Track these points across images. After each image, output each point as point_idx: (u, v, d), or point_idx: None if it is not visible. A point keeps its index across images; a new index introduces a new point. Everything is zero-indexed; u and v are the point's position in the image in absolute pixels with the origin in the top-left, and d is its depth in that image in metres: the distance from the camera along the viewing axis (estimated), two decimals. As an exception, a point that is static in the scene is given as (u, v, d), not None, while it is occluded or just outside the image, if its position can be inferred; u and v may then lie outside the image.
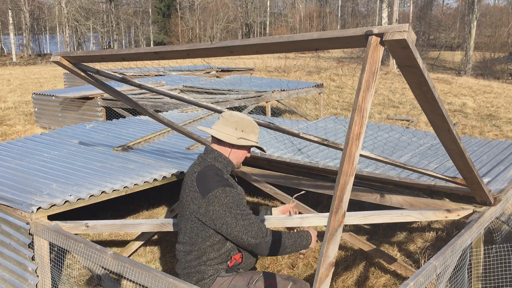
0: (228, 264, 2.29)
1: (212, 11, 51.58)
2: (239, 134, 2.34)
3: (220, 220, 2.16)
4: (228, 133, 2.33)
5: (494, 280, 2.78)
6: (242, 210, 2.20)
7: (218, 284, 2.27)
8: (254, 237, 2.18)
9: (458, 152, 2.21)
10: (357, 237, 3.58)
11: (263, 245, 2.19)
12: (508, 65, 27.55)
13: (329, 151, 4.45)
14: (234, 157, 2.39)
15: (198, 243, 2.25)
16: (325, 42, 1.59)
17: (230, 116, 2.37)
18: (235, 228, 2.16)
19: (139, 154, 4.32)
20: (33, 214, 2.76)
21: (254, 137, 2.40)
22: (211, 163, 2.33)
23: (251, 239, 2.17)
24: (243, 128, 2.36)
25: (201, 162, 2.35)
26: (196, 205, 2.20)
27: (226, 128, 2.34)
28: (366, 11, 58.83)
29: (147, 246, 4.09)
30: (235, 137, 2.34)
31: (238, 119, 2.36)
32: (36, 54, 42.89)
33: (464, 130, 9.48)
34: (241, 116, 2.38)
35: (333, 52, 34.88)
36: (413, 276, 1.95)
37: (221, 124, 2.36)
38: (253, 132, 2.39)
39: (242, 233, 2.17)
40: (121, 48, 2.60)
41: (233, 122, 2.34)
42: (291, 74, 19.95)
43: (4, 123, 10.11)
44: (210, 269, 2.26)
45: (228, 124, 2.35)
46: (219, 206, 2.16)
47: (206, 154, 2.37)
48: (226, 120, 2.35)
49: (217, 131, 2.35)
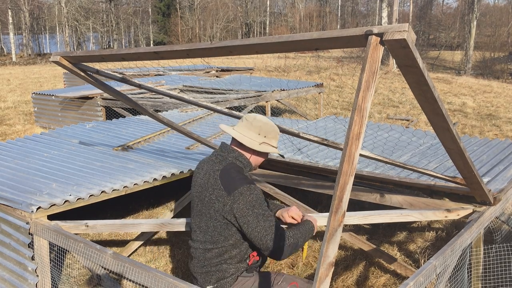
0: (247, 263, 2.28)
1: (212, 10, 51.58)
2: (262, 139, 2.33)
3: (242, 219, 2.15)
4: (251, 137, 2.32)
5: (494, 280, 2.78)
6: (264, 210, 2.18)
7: (240, 283, 2.26)
8: (274, 240, 2.14)
9: (458, 152, 2.21)
10: (357, 236, 3.58)
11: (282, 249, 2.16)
12: (508, 65, 27.54)
13: (329, 150, 4.45)
14: (254, 160, 2.38)
15: (221, 242, 2.23)
16: (325, 42, 1.59)
17: (254, 120, 2.35)
18: (256, 228, 2.14)
19: (139, 154, 4.31)
20: (33, 214, 2.76)
21: (275, 143, 2.40)
22: (232, 162, 2.30)
23: (269, 242, 2.14)
24: (266, 133, 2.34)
25: (222, 160, 2.31)
26: (221, 203, 2.18)
27: (249, 132, 2.32)
28: (366, 10, 58.86)
29: (147, 246, 4.09)
30: (257, 142, 2.32)
31: (262, 124, 2.34)
32: (36, 54, 42.90)
33: (464, 129, 9.48)
34: (265, 121, 2.36)
35: (333, 51, 34.87)
36: (413, 275, 1.95)
37: (245, 127, 2.34)
38: (275, 138, 2.39)
39: (261, 234, 2.14)
40: (120, 48, 2.60)
41: (256, 126, 2.33)
42: (291, 73, 19.95)
43: (4, 122, 10.11)
44: (231, 267, 2.24)
45: (252, 128, 2.33)
46: (243, 204, 2.14)
47: (227, 153, 2.33)
48: (250, 124, 2.34)
49: (240, 134, 2.33)
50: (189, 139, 4.47)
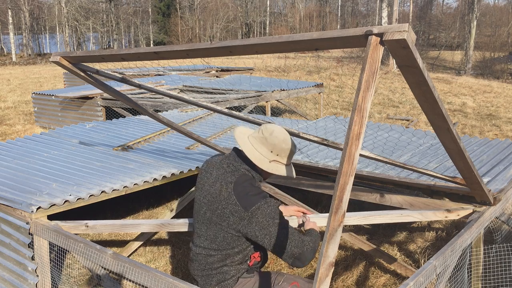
0: (248, 264, 2.25)
1: (211, 10, 51.59)
2: (273, 157, 2.26)
3: (263, 231, 2.10)
4: (262, 153, 2.24)
5: (494, 280, 2.78)
6: (283, 219, 2.15)
7: (241, 285, 2.24)
8: (297, 247, 2.10)
9: (458, 152, 2.21)
10: (357, 237, 3.58)
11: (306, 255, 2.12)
12: (508, 65, 27.54)
13: (329, 150, 4.45)
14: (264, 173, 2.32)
15: (227, 249, 2.20)
16: (325, 42, 1.58)
17: (270, 136, 2.25)
18: (279, 237, 2.10)
19: (139, 154, 4.31)
20: (33, 214, 2.76)
21: (288, 161, 2.32)
22: (245, 173, 2.23)
23: (294, 249, 2.09)
24: (280, 152, 2.26)
25: (234, 171, 2.23)
26: (237, 217, 2.12)
27: (262, 147, 2.25)
28: (366, 10, 58.89)
29: (147, 246, 4.09)
30: (268, 160, 2.25)
31: (278, 141, 2.24)
32: (36, 54, 42.90)
33: (464, 129, 9.48)
34: (281, 138, 2.25)
35: (333, 51, 34.87)
36: (413, 275, 1.95)
37: (258, 141, 2.26)
38: (288, 157, 2.31)
39: (284, 243, 2.10)
40: (120, 48, 2.60)
41: (271, 144, 2.24)
42: (291, 73, 19.95)
43: (4, 122, 10.11)
44: (232, 269, 2.22)
45: (266, 144, 2.25)
46: (262, 217, 2.10)
47: (239, 163, 2.25)
48: (264, 139, 2.25)
49: (252, 148, 2.25)
50: (189, 139, 4.47)
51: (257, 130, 2.31)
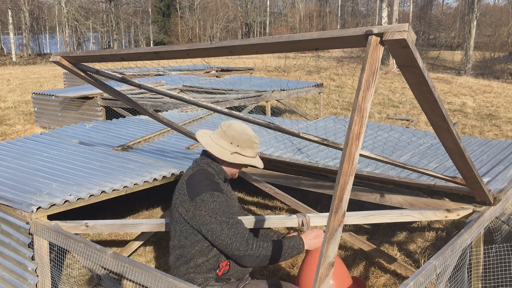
0: (217, 273, 2.24)
1: (211, 10, 51.58)
2: (234, 148, 2.28)
3: (206, 226, 2.12)
4: (222, 146, 2.27)
5: (494, 280, 2.78)
6: (228, 217, 2.14)
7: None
8: (238, 249, 2.11)
9: (458, 152, 2.21)
10: (357, 236, 3.58)
11: (246, 259, 2.13)
12: (508, 65, 27.54)
13: (329, 150, 4.45)
14: (227, 169, 2.35)
15: (187, 247, 2.21)
16: (325, 42, 1.58)
17: (228, 129, 2.29)
18: (220, 236, 2.11)
19: (139, 154, 4.31)
20: (33, 214, 2.76)
21: (251, 152, 2.32)
22: (203, 168, 2.29)
23: (235, 251, 2.12)
24: (239, 143, 2.28)
25: (194, 166, 2.32)
26: (184, 208, 2.17)
27: (221, 140, 2.28)
28: (366, 10, 58.89)
29: (147, 246, 4.09)
30: (229, 152, 2.27)
31: (236, 133, 2.28)
32: (36, 54, 42.89)
33: (464, 129, 9.48)
34: (240, 130, 2.29)
35: (333, 51, 34.86)
36: (413, 275, 1.95)
37: (218, 135, 2.30)
38: (251, 147, 2.31)
39: (226, 242, 2.11)
40: (120, 48, 2.60)
41: (229, 135, 2.28)
42: (291, 73, 19.95)
43: (4, 122, 10.11)
44: (199, 277, 2.22)
45: (225, 136, 2.28)
46: (205, 211, 2.11)
47: (201, 159, 2.34)
48: (223, 132, 2.29)
49: (212, 142, 2.29)
50: (189, 139, 4.47)
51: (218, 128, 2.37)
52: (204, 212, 2.12)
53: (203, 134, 2.36)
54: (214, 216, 2.12)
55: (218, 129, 2.34)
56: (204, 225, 2.13)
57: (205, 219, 2.12)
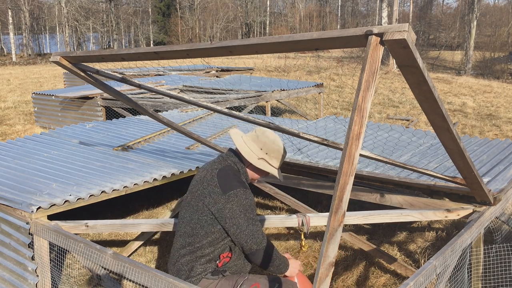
0: (217, 264, 2.28)
1: (212, 10, 51.59)
2: (262, 155, 2.36)
3: (233, 220, 2.20)
4: (252, 149, 2.36)
5: (494, 280, 2.78)
6: (254, 215, 2.26)
7: (203, 285, 2.25)
8: (257, 244, 2.23)
9: (458, 152, 2.21)
10: (357, 236, 3.58)
11: (260, 253, 2.25)
12: (508, 65, 27.53)
13: (329, 150, 4.45)
14: (250, 173, 2.42)
15: (200, 236, 2.25)
16: (325, 42, 1.58)
17: (262, 135, 2.38)
18: (244, 231, 2.21)
19: (139, 154, 4.31)
20: (33, 214, 2.76)
21: (276, 163, 2.41)
22: (230, 164, 2.36)
23: (253, 245, 2.23)
24: (269, 151, 2.36)
25: (221, 161, 2.37)
26: (213, 199, 2.22)
27: (252, 144, 2.37)
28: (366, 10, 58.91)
29: (147, 246, 4.09)
30: (256, 156, 2.35)
31: (268, 140, 2.36)
32: (36, 54, 42.90)
33: (464, 129, 9.48)
34: (272, 139, 2.38)
35: (333, 51, 34.87)
36: (413, 275, 1.95)
37: (250, 138, 2.39)
38: (277, 158, 2.40)
39: (248, 237, 2.22)
40: (120, 48, 2.60)
41: (261, 141, 2.36)
42: (291, 73, 19.96)
43: (4, 122, 10.11)
44: (199, 267, 2.26)
45: (257, 141, 2.37)
46: (237, 205, 2.20)
47: (228, 156, 2.39)
48: (256, 137, 2.38)
49: (244, 143, 2.38)
50: (189, 139, 4.47)
51: (251, 131, 2.44)
52: (236, 206, 2.20)
53: (236, 134, 2.44)
54: (244, 212, 2.21)
55: (251, 132, 2.42)
56: (232, 218, 2.20)
57: (235, 213, 2.19)
